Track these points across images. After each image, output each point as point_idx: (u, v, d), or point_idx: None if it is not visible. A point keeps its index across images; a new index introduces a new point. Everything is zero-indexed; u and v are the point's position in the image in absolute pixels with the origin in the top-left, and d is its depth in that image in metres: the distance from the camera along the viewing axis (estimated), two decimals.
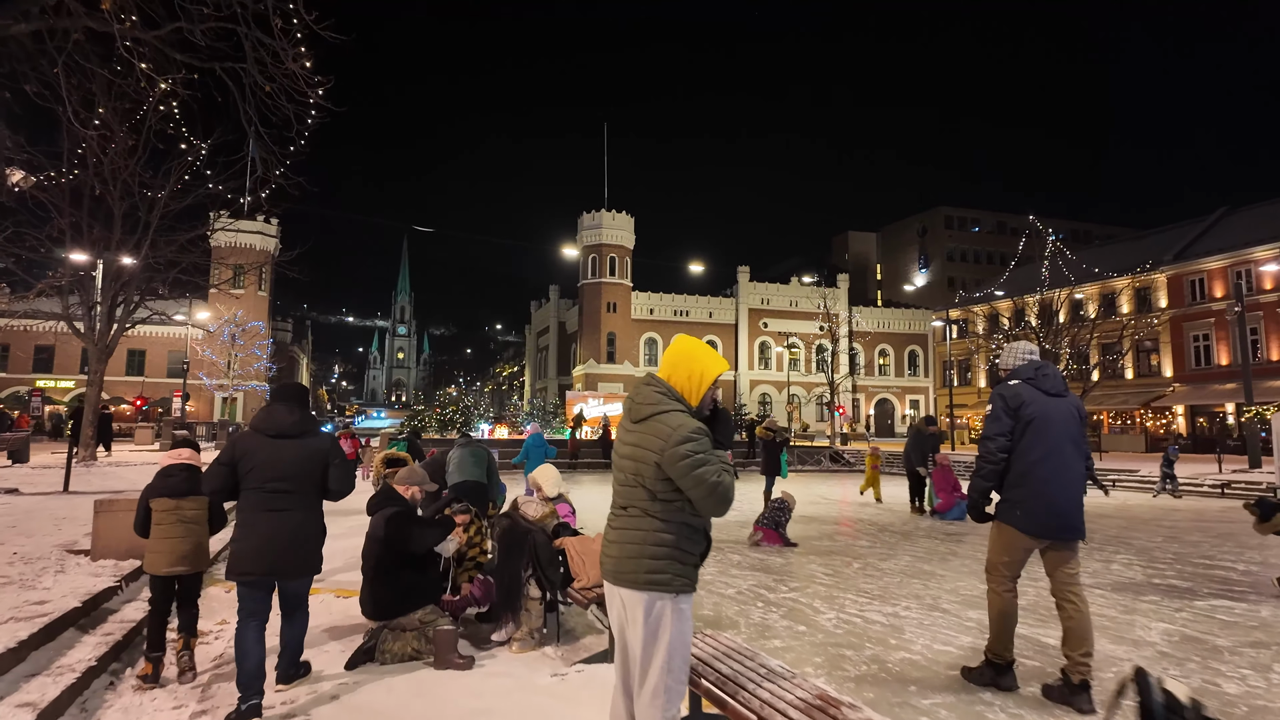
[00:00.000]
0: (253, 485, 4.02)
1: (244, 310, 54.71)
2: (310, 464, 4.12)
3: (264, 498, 4.00)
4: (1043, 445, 4.11)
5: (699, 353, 2.94)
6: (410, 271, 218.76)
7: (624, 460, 2.87)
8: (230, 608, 6.02)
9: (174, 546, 4.46)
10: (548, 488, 5.50)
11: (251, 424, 4.23)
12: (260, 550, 3.94)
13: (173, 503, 4.52)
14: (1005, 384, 4.35)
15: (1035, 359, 4.42)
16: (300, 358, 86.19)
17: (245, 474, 4.04)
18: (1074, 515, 4.14)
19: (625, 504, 2.86)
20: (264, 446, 4.07)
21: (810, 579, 7.48)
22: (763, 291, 68.52)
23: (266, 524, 3.96)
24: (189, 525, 4.52)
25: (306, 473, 4.11)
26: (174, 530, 4.48)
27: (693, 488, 2.68)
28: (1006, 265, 77.75)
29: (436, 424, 36.25)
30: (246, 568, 3.94)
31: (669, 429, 2.72)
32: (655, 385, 2.90)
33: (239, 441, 4.15)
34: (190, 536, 4.52)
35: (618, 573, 2.80)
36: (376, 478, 9.66)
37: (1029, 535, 4.15)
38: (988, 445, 4.26)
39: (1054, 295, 32.61)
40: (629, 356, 64.33)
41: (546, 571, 4.79)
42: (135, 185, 18.41)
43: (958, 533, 11.28)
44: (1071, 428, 4.22)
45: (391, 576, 4.82)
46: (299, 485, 4.08)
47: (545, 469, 5.64)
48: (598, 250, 64.62)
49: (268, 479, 4.01)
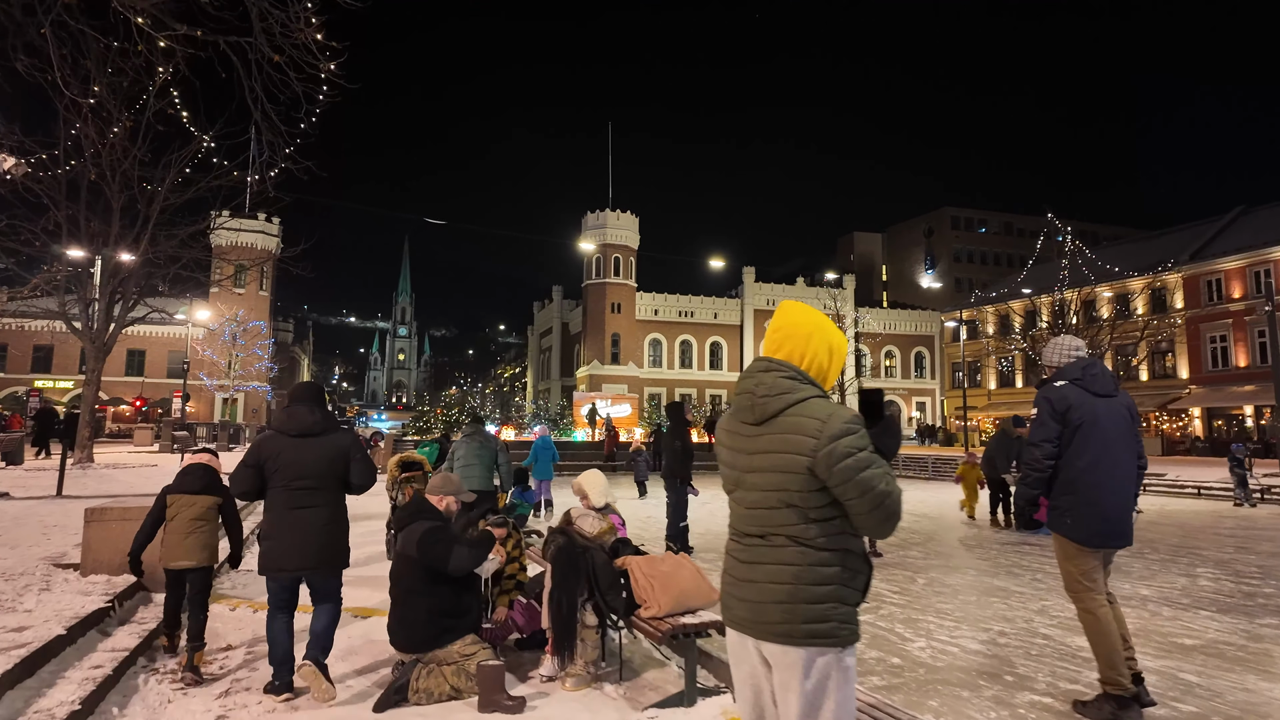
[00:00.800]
0: (279, 484, 4.16)
1: (245, 310, 54.04)
2: (333, 461, 4.24)
3: (290, 496, 4.14)
4: (1092, 451, 3.93)
5: (825, 322, 2.25)
6: (411, 273, 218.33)
7: (754, 475, 2.16)
8: (236, 630, 5.30)
9: (186, 541, 4.68)
10: (595, 495, 4.79)
11: (273, 425, 4.38)
12: (289, 548, 4.09)
13: (189, 499, 4.74)
14: (1051, 385, 4.12)
15: (1082, 355, 4.18)
16: (301, 358, 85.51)
17: (271, 474, 4.17)
18: (1125, 523, 4.00)
19: (763, 530, 2.15)
20: (288, 447, 4.19)
21: (878, 597, 6.78)
22: (768, 292, 67.84)
23: (294, 522, 4.10)
24: (200, 522, 4.73)
25: (330, 470, 4.23)
26: (186, 526, 4.69)
27: (857, 497, 2.00)
28: (1014, 266, 77.45)
29: (442, 425, 35.55)
30: (277, 565, 4.11)
31: (818, 422, 2.05)
32: (781, 369, 2.19)
33: (263, 443, 4.27)
34: (201, 532, 4.72)
35: (760, 622, 2.10)
36: (390, 482, 8.98)
37: (1079, 544, 3.97)
38: (1033, 452, 4.06)
39: (1074, 294, 31.93)
40: (633, 358, 63.65)
41: (607, 596, 4.08)
42: (135, 177, 17.73)
43: (1010, 542, 10.60)
44: (1122, 430, 4.02)
45: (426, 602, 4.12)
46: (323, 482, 4.21)
47: (592, 475, 4.92)
48: (602, 250, 63.96)
49: (293, 478, 4.14)
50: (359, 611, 6.15)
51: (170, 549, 4.69)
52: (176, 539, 4.69)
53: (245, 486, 4.23)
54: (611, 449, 29.19)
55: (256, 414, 55.38)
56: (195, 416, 50.10)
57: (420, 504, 4.37)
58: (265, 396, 57.85)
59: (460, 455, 7.97)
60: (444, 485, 4.46)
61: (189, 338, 37.69)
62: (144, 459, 21.70)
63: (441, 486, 4.45)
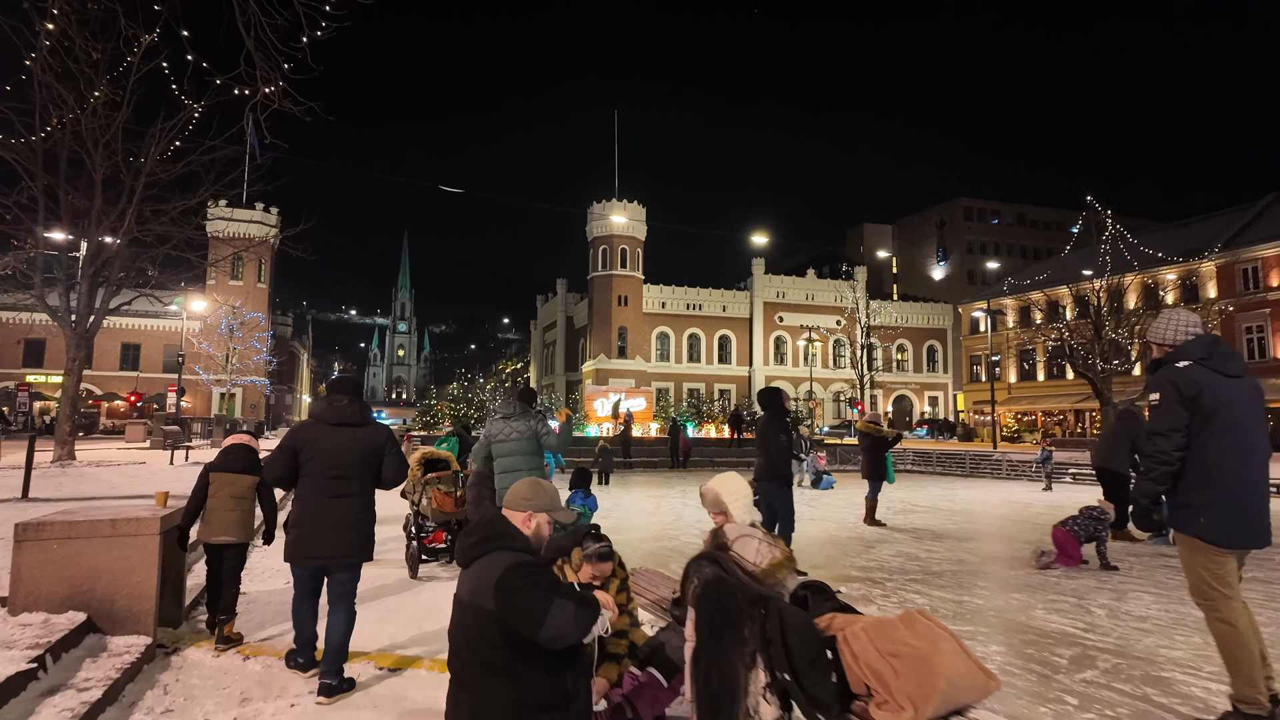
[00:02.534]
0: (313, 471, 4.19)
1: (243, 301, 52.50)
2: (368, 452, 4.28)
3: (324, 484, 4.18)
4: (1228, 439, 3.56)
5: None
6: (411, 269, 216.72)
7: None
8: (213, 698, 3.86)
9: (225, 518, 4.91)
10: (737, 509, 3.28)
11: (312, 413, 4.42)
12: (318, 536, 4.14)
13: (230, 477, 4.96)
14: (1173, 367, 3.71)
15: (1202, 332, 3.79)
16: (300, 353, 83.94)
17: (306, 461, 4.20)
18: (1265, 519, 3.63)
19: None
20: (325, 435, 4.23)
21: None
22: (778, 284, 66.33)
23: (325, 510, 4.15)
24: (240, 500, 4.97)
25: (364, 461, 4.27)
26: (226, 503, 4.92)
27: None
28: (1028, 258, 75.94)
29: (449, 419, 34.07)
30: (305, 552, 4.15)
31: None
32: None
33: (300, 430, 4.33)
34: (239, 509, 4.96)
35: None
36: (410, 484, 7.50)
37: (1215, 545, 3.58)
38: (1159, 443, 3.66)
39: (1116, 281, 30.42)
40: (640, 351, 62.15)
41: (805, 681, 2.54)
42: (118, 147, 16.18)
43: (1147, 554, 9.12)
44: (1257, 415, 3.70)
45: (508, 687, 2.59)
46: (357, 472, 4.25)
47: (729, 479, 3.39)
48: (608, 241, 62.41)
49: (328, 466, 4.18)
50: (387, 661, 4.66)
51: (210, 524, 4.92)
52: (215, 515, 4.92)
53: (279, 471, 4.28)
54: (688, 447, 28.36)
55: (255, 409, 53.84)
56: (191, 412, 48.57)
57: (495, 525, 2.82)
58: (264, 391, 56.27)
59: (501, 449, 5.85)
60: (535, 496, 2.88)
61: (183, 330, 36.12)
62: (132, 456, 20.19)
63: (531, 498, 2.87)
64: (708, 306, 65.37)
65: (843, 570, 7.62)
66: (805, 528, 10.46)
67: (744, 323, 65.49)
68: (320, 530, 4.12)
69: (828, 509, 13.96)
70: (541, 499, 2.88)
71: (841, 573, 7.45)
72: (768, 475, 7.14)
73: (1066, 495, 16.99)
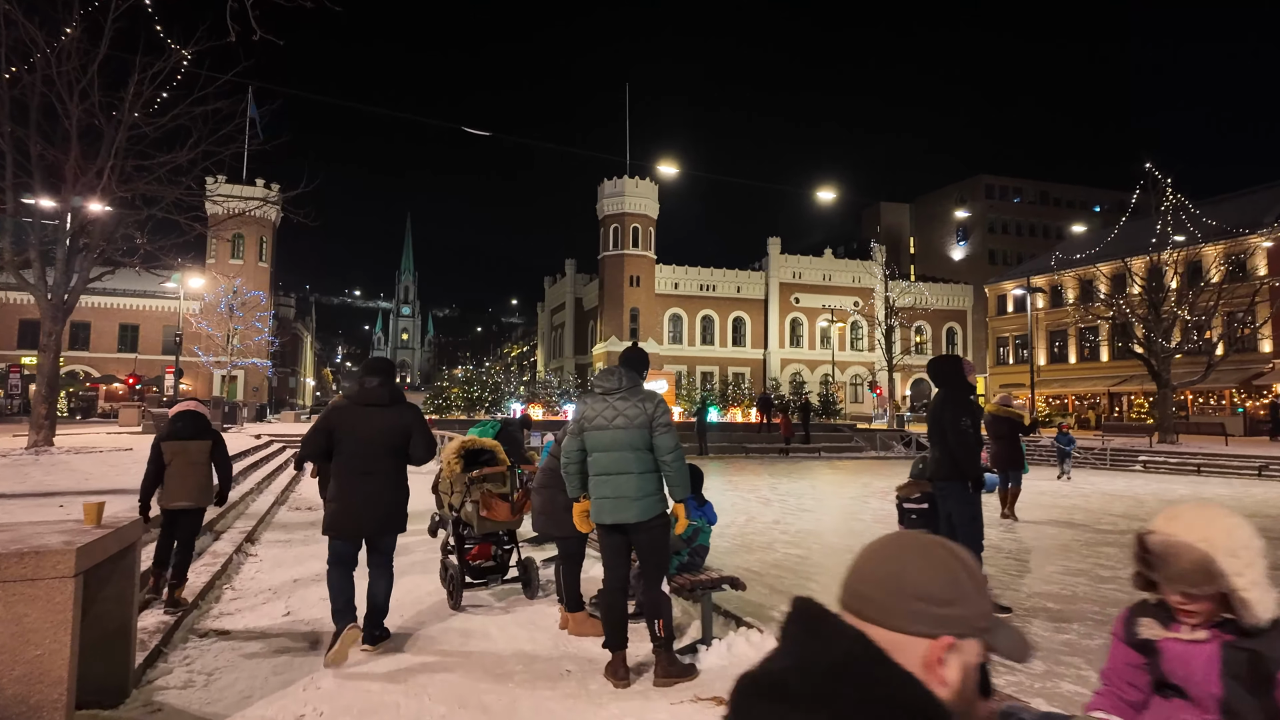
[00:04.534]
0: (345, 451, 4.41)
1: (243, 280, 50.71)
2: (398, 432, 4.47)
3: (356, 462, 4.40)
4: None
5: None
6: (414, 252, 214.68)
7: None
8: None
9: (182, 484, 5.11)
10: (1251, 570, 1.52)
11: (345, 395, 4.70)
12: (354, 511, 4.39)
13: (180, 445, 5.17)
14: None
15: None
16: (304, 335, 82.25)
17: (340, 440, 4.42)
18: None
19: None
20: (357, 415, 4.46)
21: None
22: (794, 264, 64.31)
23: (359, 487, 4.37)
24: (195, 465, 5.18)
25: (394, 440, 4.47)
26: (182, 469, 5.12)
27: None
28: (1049, 238, 73.63)
29: (462, 403, 32.35)
30: (342, 525, 4.42)
31: None
32: None
33: (334, 411, 4.55)
34: (195, 475, 5.17)
35: None
36: (449, 473, 5.74)
37: None
38: None
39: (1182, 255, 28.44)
40: (653, 334, 60.27)
41: None
42: (97, 97, 14.32)
43: None
44: None
45: None
46: (386, 451, 4.45)
47: (1213, 516, 1.62)
48: (619, 220, 60.41)
49: (358, 446, 4.40)
50: None
51: (168, 491, 5.11)
52: (172, 482, 5.10)
53: (315, 448, 4.49)
54: (791, 431, 27.05)
55: (257, 392, 52.19)
56: (192, 394, 46.98)
57: (862, 668, 0.97)
58: (266, 374, 54.59)
59: (599, 441, 3.94)
60: (953, 594, 0.97)
61: (180, 310, 34.38)
62: (121, 441, 18.49)
63: (947, 599, 0.97)
64: (722, 287, 63.42)
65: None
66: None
67: (759, 304, 63.60)
68: (356, 507, 4.37)
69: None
70: (967, 603, 1.05)
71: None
72: (946, 473, 5.29)
73: (1101, 483, 15.92)
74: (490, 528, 5.47)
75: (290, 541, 8.57)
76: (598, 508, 3.93)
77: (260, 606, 5.60)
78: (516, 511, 5.42)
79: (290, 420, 37.43)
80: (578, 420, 4.08)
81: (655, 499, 3.89)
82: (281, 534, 9.11)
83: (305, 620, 5.24)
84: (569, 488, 4.12)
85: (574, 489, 4.09)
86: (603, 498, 3.90)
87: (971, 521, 5.19)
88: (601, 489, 3.92)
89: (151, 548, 5.31)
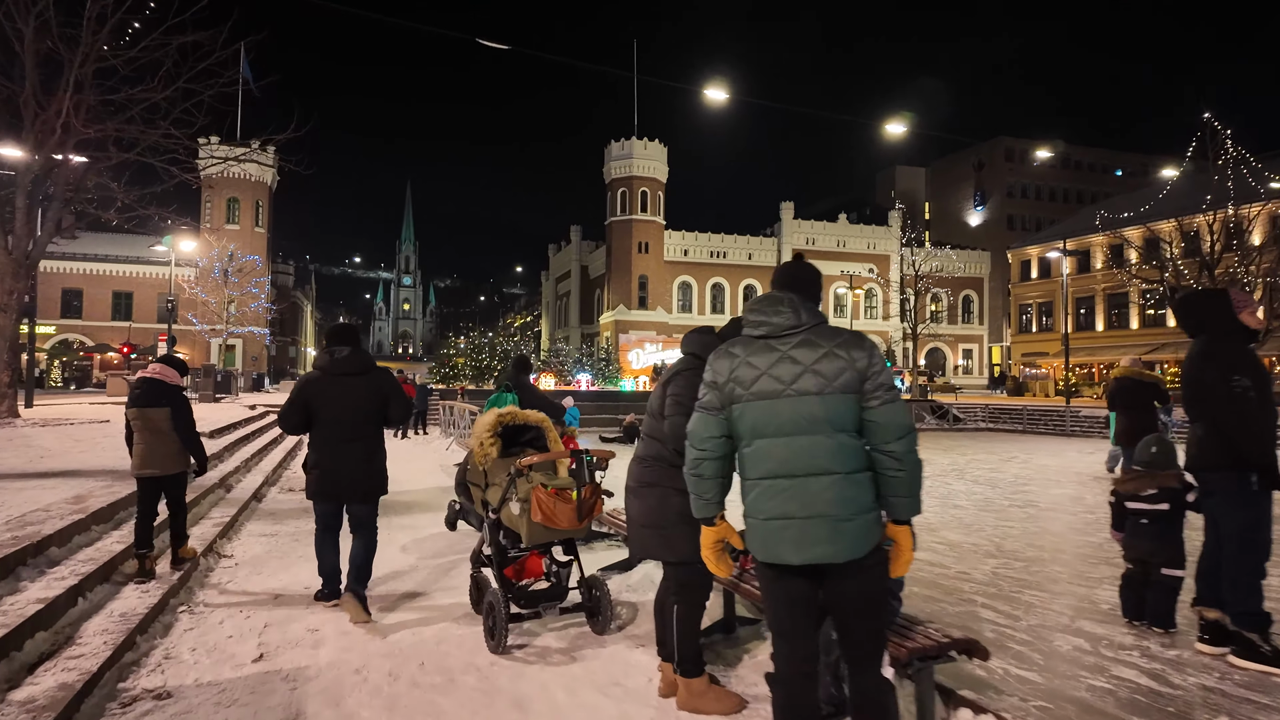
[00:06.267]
0: (324, 421, 4.46)
1: (239, 246, 48.81)
2: (373, 399, 4.53)
3: (334, 431, 4.45)
4: None
5: None
6: (414, 220, 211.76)
7: None
8: None
9: (148, 452, 4.96)
10: None
11: (316, 365, 4.62)
12: (337, 479, 4.46)
13: (136, 411, 5.00)
14: None
15: None
16: (304, 304, 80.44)
17: (317, 411, 4.45)
18: None
19: None
20: (332, 386, 4.46)
21: None
22: (808, 230, 62.31)
23: (338, 455, 4.44)
24: (157, 434, 4.97)
25: (368, 408, 4.52)
26: (145, 438, 4.97)
27: None
28: (1070, 202, 71.31)
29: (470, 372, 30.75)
30: (324, 491, 4.52)
31: None
32: None
33: (308, 384, 4.54)
34: (159, 442, 4.97)
35: None
36: (481, 457, 4.11)
37: None
38: None
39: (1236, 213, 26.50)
40: (662, 302, 58.55)
41: None
42: (52, 14, 12.52)
43: None
44: None
45: None
46: (364, 419, 4.51)
47: None
48: (628, 183, 58.32)
49: (336, 414, 4.44)
50: None
51: (137, 459, 4.99)
52: (138, 450, 4.97)
53: (293, 421, 4.51)
54: None
55: (256, 361, 50.60)
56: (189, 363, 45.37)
57: None
58: (264, 342, 52.93)
59: (762, 415, 2.32)
60: None
61: (172, 275, 32.61)
62: (99, 413, 16.93)
63: None
64: (733, 254, 61.53)
65: None
66: None
67: (771, 271, 61.48)
68: (336, 474, 4.45)
69: None
70: None
71: None
72: (1211, 459, 3.58)
73: None
74: (546, 538, 3.86)
75: (277, 535, 7.00)
76: (768, 536, 2.30)
77: (223, 645, 4.03)
78: (586, 515, 3.80)
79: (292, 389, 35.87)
80: (717, 385, 2.41)
81: (872, 519, 2.26)
82: (267, 524, 7.55)
83: (284, 671, 3.66)
84: (697, 501, 2.49)
85: (707, 504, 2.47)
86: (779, 519, 2.26)
87: (1252, 532, 3.51)
88: (775, 503, 2.27)
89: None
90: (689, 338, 3.44)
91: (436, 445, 16.77)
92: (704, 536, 2.51)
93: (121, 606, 4.22)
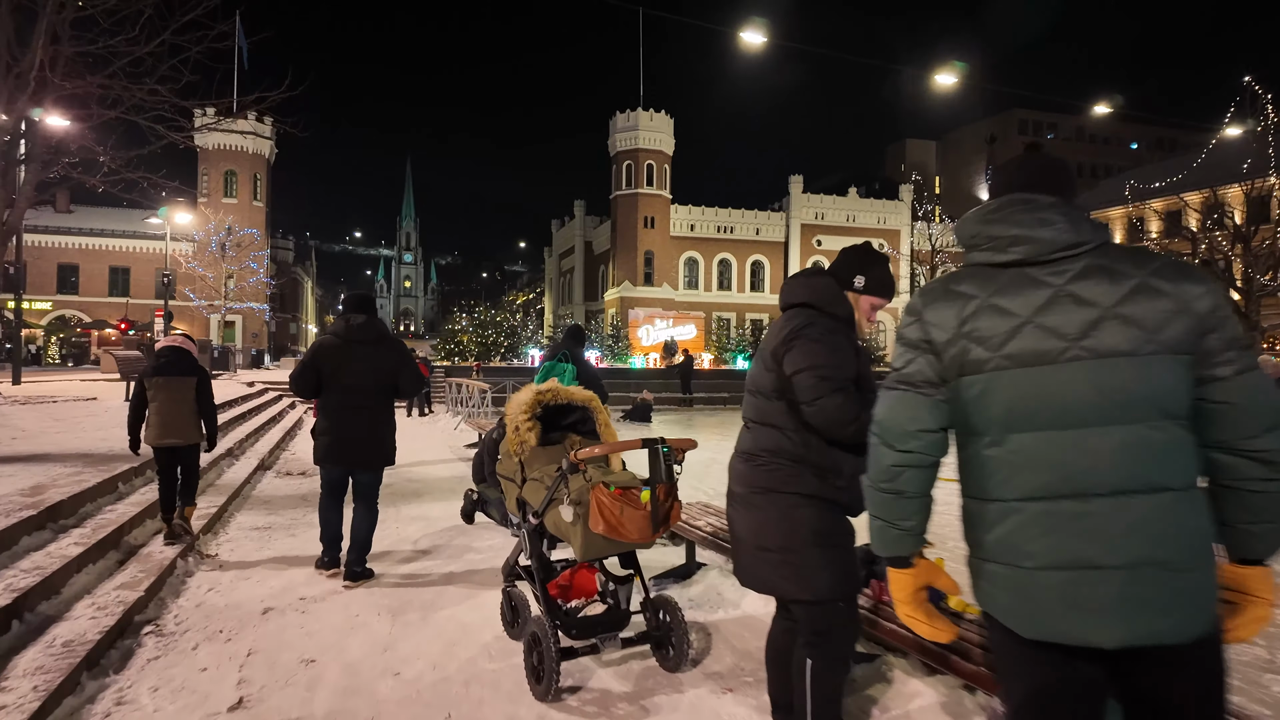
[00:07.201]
0: (334, 387, 4.49)
1: (236, 219, 47.76)
2: (384, 368, 4.57)
3: (344, 397, 4.48)
4: None
5: None
6: (415, 197, 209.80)
7: None
8: None
9: (170, 421, 4.96)
10: None
11: (331, 331, 4.65)
12: (342, 444, 4.49)
13: (162, 380, 4.97)
14: None
15: None
16: (304, 279, 79.39)
17: (328, 376, 4.48)
18: None
19: None
20: (346, 352, 4.49)
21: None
22: (816, 205, 60.99)
23: (347, 422, 4.47)
24: (181, 404, 5.00)
25: (383, 377, 4.57)
26: (168, 407, 4.97)
27: None
28: (1084, 176, 69.91)
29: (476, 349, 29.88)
30: (331, 457, 4.54)
31: None
32: None
33: (321, 348, 4.56)
34: (179, 412, 4.99)
35: None
36: (516, 445, 3.20)
37: None
38: None
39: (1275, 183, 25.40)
40: (668, 278, 57.42)
41: None
42: None
43: None
44: None
45: None
46: (374, 387, 4.54)
47: None
48: (633, 156, 56.96)
49: (347, 380, 4.48)
50: None
51: (157, 429, 4.94)
52: (156, 419, 4.94)
53: (304, 384, 4.54)
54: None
55: (256, 337, 49.73)
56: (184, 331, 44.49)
57: None
58: (264, 318, 52.02)
59: (1025, 392, 1.41)
60: None
61: (167, 250, 31.63)
62: (86, 390, 16.09)
63: None
64: (740, 229, 60.29)
65: None
66: None
67: (779, 247, 60.57)
68: (344, 440, 4.47)
69: None
70: None
71: None
72: None
73: None
74: (606, 551, 2.98)
75: (270, 529, 6.15)
76: (1041, 598, 1.38)
77: (193, 684, 3.18)
78: (661, 524, 2.91)
79: (292, 366, 35.08)
80: (934, 346, 1.50)
81: (1214, 572, 1.37)
82: (260, 515, 6.70)
83: (278, 711, 2.81)
84: (887, 531, 1.58)
85: (902, 536, 1.57)
86: (1064, 569, 1.35)
87: None
88: (1054, 540, 1.36)
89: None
90: (791, 286, 2.50)
91: (444, 424, 15.92)
92: (898, 583, 1.61)
93: (66, 632, 3.36)
